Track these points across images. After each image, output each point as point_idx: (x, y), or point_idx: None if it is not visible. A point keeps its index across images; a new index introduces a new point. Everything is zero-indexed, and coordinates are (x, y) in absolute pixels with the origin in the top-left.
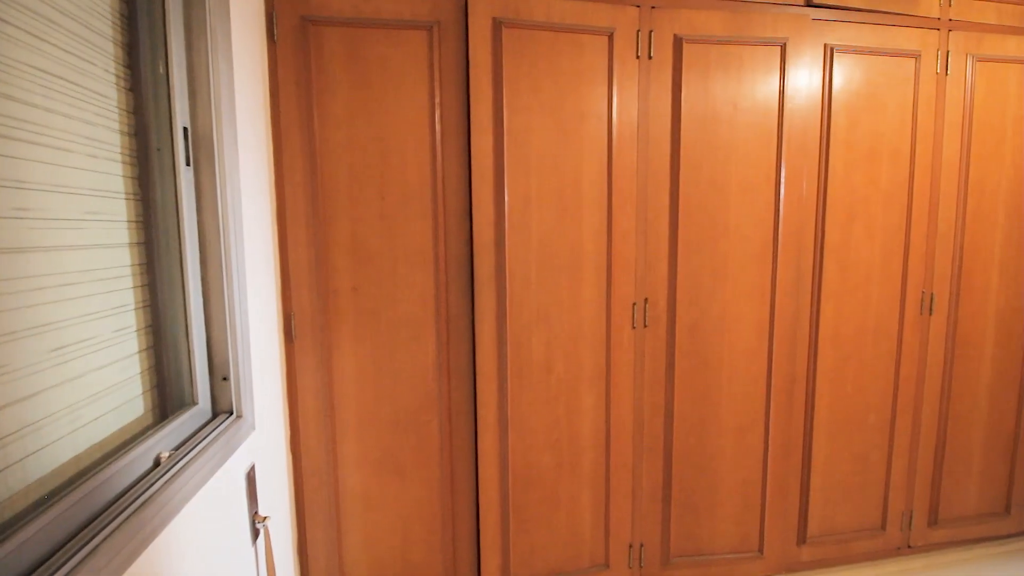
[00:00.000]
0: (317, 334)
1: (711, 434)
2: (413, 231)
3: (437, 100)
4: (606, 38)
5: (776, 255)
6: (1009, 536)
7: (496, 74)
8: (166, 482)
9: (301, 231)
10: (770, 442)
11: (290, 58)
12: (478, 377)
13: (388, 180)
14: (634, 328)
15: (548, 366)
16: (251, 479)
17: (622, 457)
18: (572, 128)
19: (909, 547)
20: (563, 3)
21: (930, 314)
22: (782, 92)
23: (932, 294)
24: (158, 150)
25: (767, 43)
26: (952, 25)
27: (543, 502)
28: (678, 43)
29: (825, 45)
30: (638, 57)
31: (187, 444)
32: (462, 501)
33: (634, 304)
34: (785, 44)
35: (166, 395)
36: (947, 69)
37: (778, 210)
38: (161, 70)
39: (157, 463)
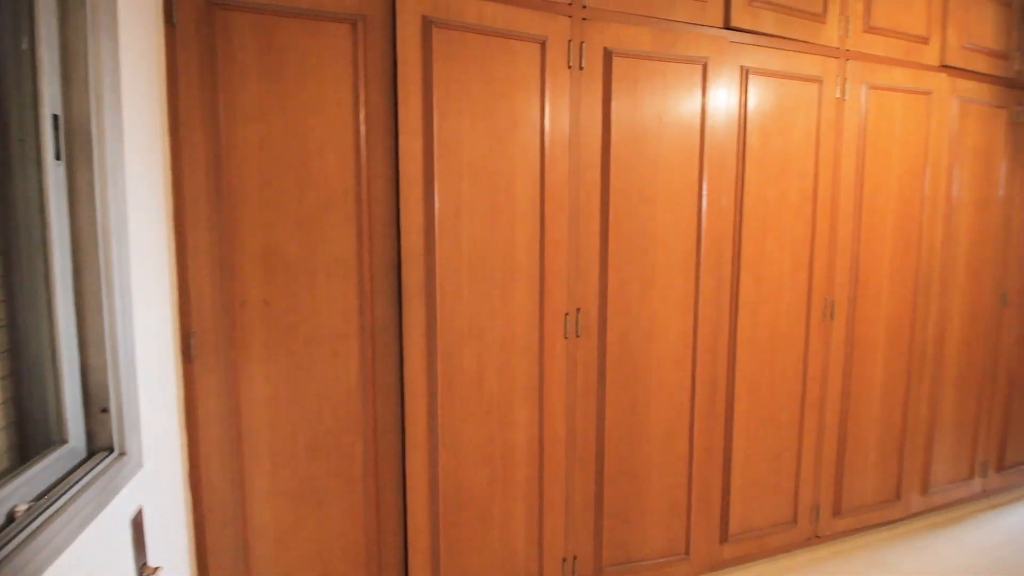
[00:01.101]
0: (222, 353)
1: (640, 441)
2: (335, 238)
3: (362, 98)
4: (539, 46)
5: (699, 265)
6: (900, 520)
7: (426, 75)
8: (23, 542)
9: (203, 237)
10: (695, 446)
11: (192, 44)
12: (406, 393)
13: (307, 182)
14: (567, 338)
15: (480, 379)
16: (138, 525)
17: (556, 469)
18: (505, 135)
19: (817, 537)
20: (495, 7)
21: (831, 319)
22: (703, 109)
23: (833, 301)
24: (20, 141)
25: (690, 61)
26: (849, 55)
27: (476, 521)
28: (608, 56)
29: (742, 67)
30: (570, 67)
31: (53, 492)
32: (389, 528)
33: (567, 314)
34: (706, 63)
35: (27, 433)
36: (845, 94)
37: (700, 222)
38: (24, 46)
39: (11, 519)
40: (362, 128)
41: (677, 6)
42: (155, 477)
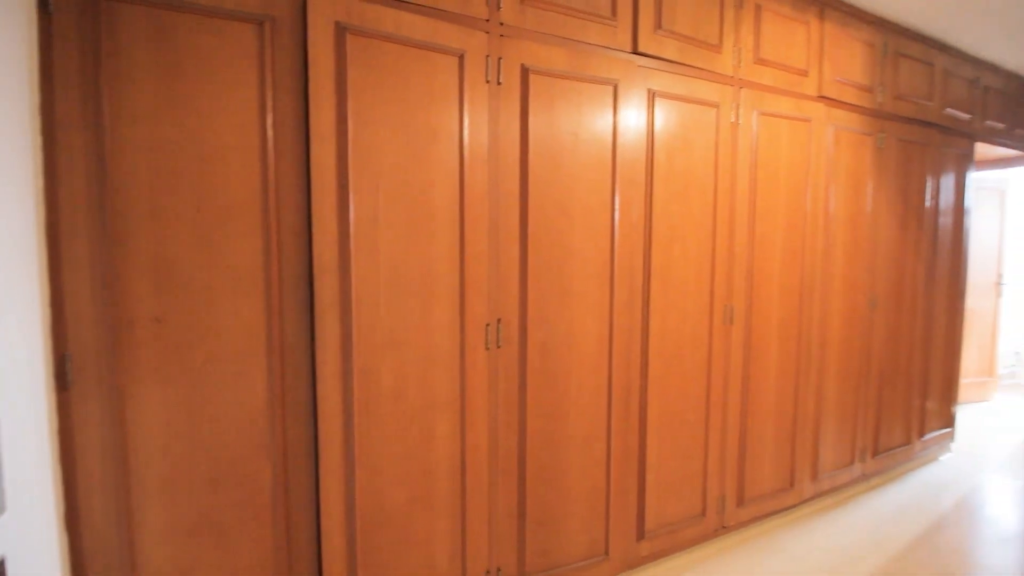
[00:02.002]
0: (104, 377)
1: (561, 447)
2: (238, 250)
3: (270, 103)
4: (457, 59)
5: (613, 275)
6: (794, 506)
7: (340, 82)
8: None
9: (83, 250)
10: (612, 449)
11: (72, 36)
12: (320, 413)
13: (206, 190)
14: (488, 349)
15: (400, 394)
16: None
17: (478, 481)
18: (424, 146)
19: (724, 527)
20: (413, 18)
21: (731, 324)
22: (615, 127)
23: (732, 307)
24: None
25: (602, 82)
26: (742, 83)
27: (396, 541)
28: (525, 73)
29: (649, 89)
30: (488, 82)
31: None
32: (302, 557)
33: (487, 325)
34: (617, 85)
35: None
36: (739, 119)
37: (614, 235)
38: None
39: None
40: (270, 134)
41: (590, 29)
42: (21, 522)
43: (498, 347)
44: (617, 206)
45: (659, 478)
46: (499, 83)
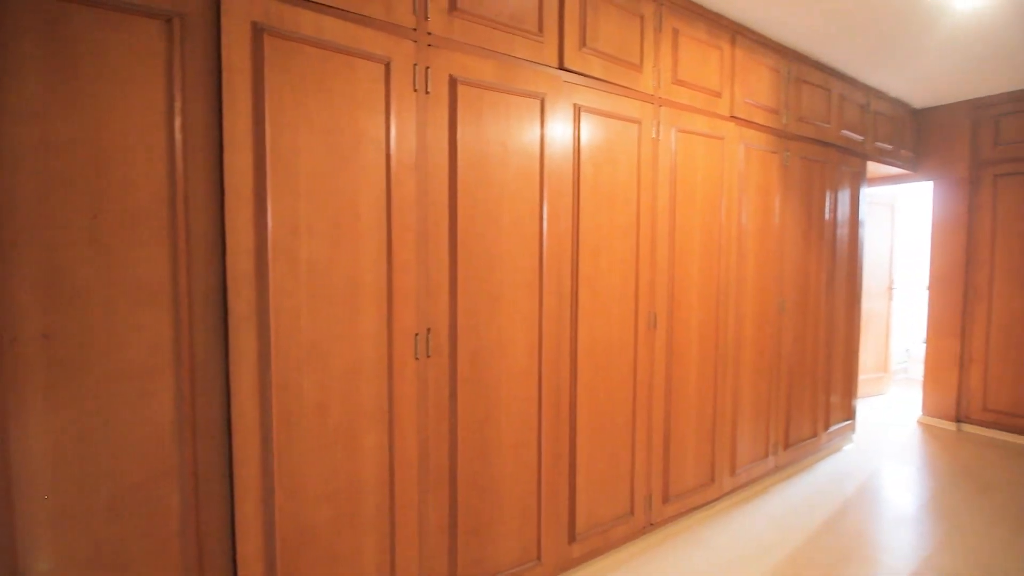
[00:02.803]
0: None
1: (493, 455)
2: (141, 259)
3: (179, 104)
4: (383, 66)
5: (542, 283)
6: (715, 500)
7: (257, 85)
8: None
9: None
10: (543, 453)
11: None
12: (234, 432)
13: (105, 195)
14: (417, 359)
15: (323, 408)
16: None
17: (408, 494)
18: (348, 153)
19: (651, 525)
20: (335, 23)
21: (655, 329)
22: (543, 140)
23: (655, 313)
24: None
25: (530, 95)
26: (662, 102)
27: (321, 562)
28: (453, 83)
29: (575, 104)
30: (415, 90)
31: None
32: None
33: (416, 335)
34: (544, 99)
35: None
36: (659, 135)
37: (542, 244)
38: None
39: None
40: (178, 136)
41: (517, 44)
42: None
43: (428, 357)
44: (546, 216)
45: (589, 480)
46: (427, 92)
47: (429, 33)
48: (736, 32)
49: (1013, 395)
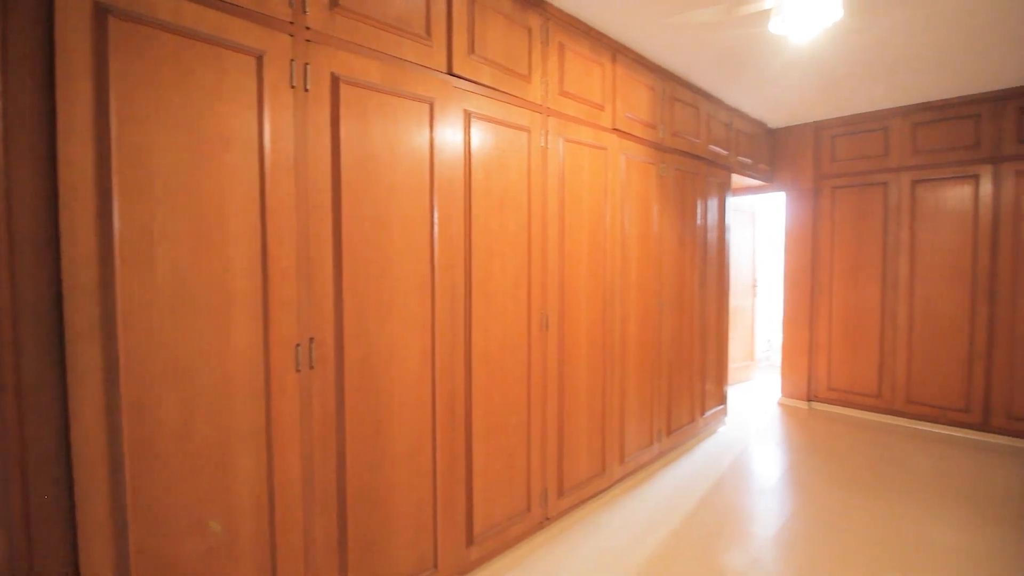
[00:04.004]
0: None
1: (385, 465)
2: None
3: None
4: (255, 60)
5: (434, 288)
6: (607, 488)
7: (100, 71)
8: None
9: None
10: (438, 459)
11: None
12: (76, 464)
13: None
14: (299, 371)
15: (188, 430)
16: None
17: (291, 516)
18: (215, 152)
19: (547, 519)
20: (196, 9)
21: (547, 330)
22: (432, 144)
23: (547, 315)
24: None
25: (419, 99)
26: (550, 112)
27: None
28: (336, 82)
29: (465, 110)
30: (293, 87)
31: None
32: None
33: (298, 345)
34: (433, 103)
35: None
36: (548, 144)
37: (434, 248)
38: None
39: None
40: None
41: (405, 46)
42: None
43: (311, 368)
44: (437, 221)
45: (486, 482)
46: (306, 90)
47: (308, 28)
48: (616, 51)
49: (850, 375)
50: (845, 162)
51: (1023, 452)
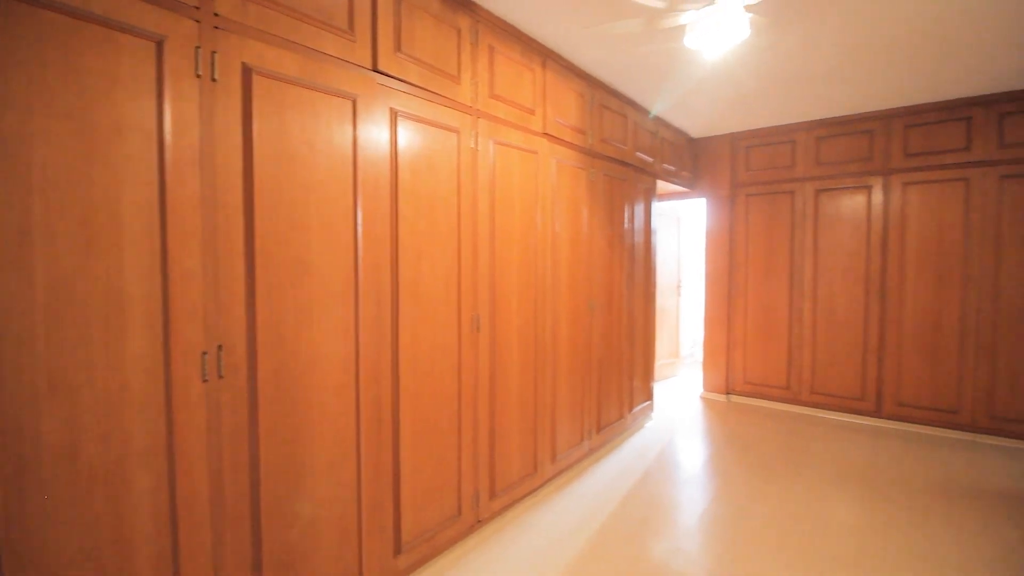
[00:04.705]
0: None
1: (305, 478)
2: None
3: None
4: (154, 45)
5: (358, 291)
6: (539, 487)
7: None
8: None
9: None
10: (363, 468)
11: None
12: None
13: None
14: (206, 381)
15: (74, 451)
16: None
17: (197, 538)
18: (106, 143)
19: (479, 521)
20: None
21: (479, 332)
22: (355, 142)
23: (479, 316)
24: None
25: (340, 95)
26: (480, 114)
27: None
28: (248, 73)
29: (391, 108)
30: (199, 76)
31: None
32: None
33: (204, 353)
34: (356, 100)
35: None
36: (478, 146)
37: (357, 250)
38: None
39: None
40: None
41: (326, 40)
42: None
43: (220, 377)
44: (360, 221)
45: (415, 488)
46: (214, 80)
47: (216, 14)
48: (547, 56)
49: (763, 369)
50: (758, 171)
51: (910, 435)
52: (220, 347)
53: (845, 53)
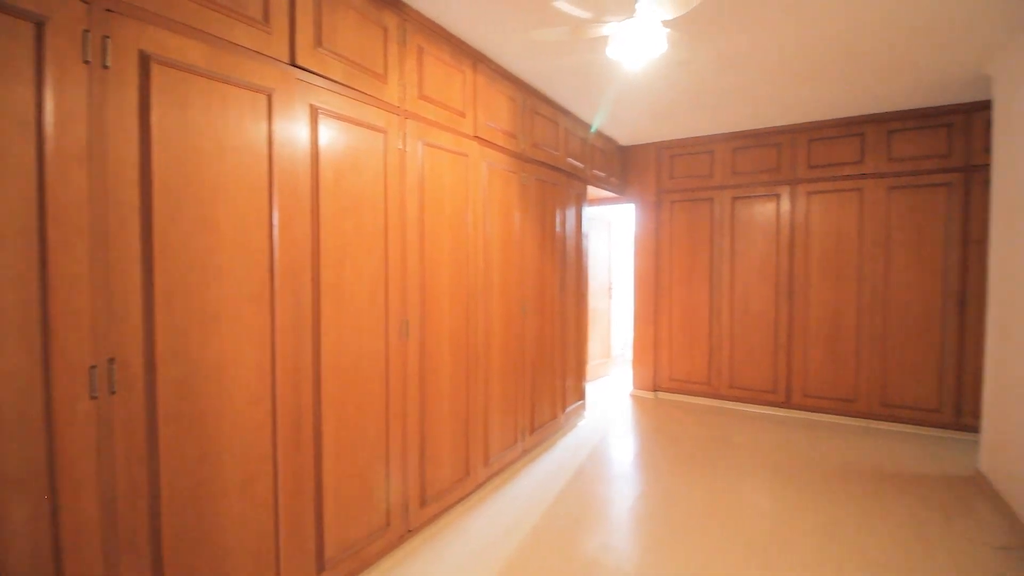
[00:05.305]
0: None
1: (215, 499)
2: None
3: None
4: (33, 26)
5: (274, 296)
6: (472, 492)
7: None
8: None
9: None
10: (280, 484)
11: None
12: None
13: None
14: (95, 398)
15: None
16: None
17: (87, 569)
18: None
19: (410, 531)
20: None
21: (407, 337)
22: (271, 139)
23: (408, 321)
24: None
25: (254, 89)
26: (408, 114)
27: None
28: (145, 60)
29: (311, 105)
30: (88, 63)
31: None
32: None
33: (93, 367)
34: (272, 94)
35: None
36: (406, 147)
37: (273, 253)
38: None
39: None
40: None
41: (238, 30)
42: None
43: (112, 394)
44: (276, 223)
45: (339, 501)
46: (105, 67)
47: None
48: (478, 59)
49: (687, 366)
50: (681, 179)
51: (816, 424)
52: (112, 360)
53: (755, 71)
